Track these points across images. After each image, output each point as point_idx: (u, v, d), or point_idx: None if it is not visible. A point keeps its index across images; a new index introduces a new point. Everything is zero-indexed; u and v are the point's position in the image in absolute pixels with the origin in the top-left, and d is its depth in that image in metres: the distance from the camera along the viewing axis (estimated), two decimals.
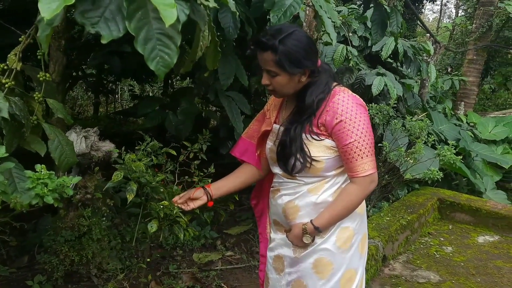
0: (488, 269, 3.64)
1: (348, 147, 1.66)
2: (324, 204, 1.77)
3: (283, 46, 1.60)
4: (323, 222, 1.74)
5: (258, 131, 1.99)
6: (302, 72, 1.67)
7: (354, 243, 1.84)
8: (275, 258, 1.95)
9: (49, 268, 2.85)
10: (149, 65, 1.08)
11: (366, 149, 1.67)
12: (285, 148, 1.76)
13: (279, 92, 1.75)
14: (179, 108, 3.80)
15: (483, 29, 8.47)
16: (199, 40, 1.35)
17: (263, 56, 1.65)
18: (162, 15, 0.98)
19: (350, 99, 1.69)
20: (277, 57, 1.60)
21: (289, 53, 1.60)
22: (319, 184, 1.78)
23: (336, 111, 1.66)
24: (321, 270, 1.81)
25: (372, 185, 1.74)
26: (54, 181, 1.38)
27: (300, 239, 1.78)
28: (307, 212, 1.79)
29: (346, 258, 1.83)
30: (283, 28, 1.65)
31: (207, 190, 1.97)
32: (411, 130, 4.15)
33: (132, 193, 1.98)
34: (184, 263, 3.49)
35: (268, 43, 1.61)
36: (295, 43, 1.61)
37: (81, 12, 1.05)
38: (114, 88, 8.78)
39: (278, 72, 1.65)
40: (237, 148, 2.07)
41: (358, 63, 4.85)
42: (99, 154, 2.96)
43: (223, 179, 2.05)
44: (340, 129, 1.66)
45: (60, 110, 1.78)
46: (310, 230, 1.75)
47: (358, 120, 1.66)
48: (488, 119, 7.51)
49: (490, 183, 5.69)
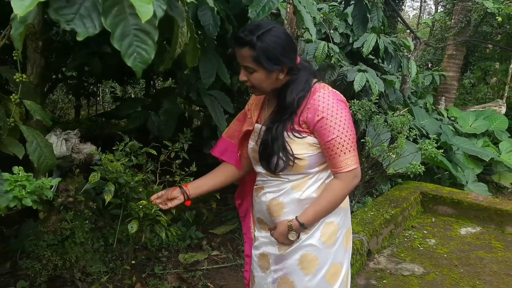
0: (470, 260, 3.70)
1: (330, 143, 1.67)
2: (308, 200, 1.77)
3: (261, 42, 1.58)
4: (308, 218, 1.74)
5: (239, 130, 1.98)
6: (279, 69, 1.66)
7: (338, 238, 1.85)
8: (260, 256, 1.94)
9: (32, 274, 2.81)
10: (126, 61, 1.07)
11: (349, 144, 1.68)
12: (267, 147, 1.76)
13: (258, 88, 1.73)
14: (162, 109, 3.77)
15: (462, 25, 8.58)
16: (178, 37, 1.34)
17: (241, 52, 1.64)
18: (138, 11, 0.97)
19: (330, 96, 1.69)
20: (255, 53, 1.59)
21: (267, 49, 1.59)
22: (302, 181, 1.78)
23: (317, 108, 1.66)
24: (306, 266, 1.81)
25: (355, 180, 1.74)
26: (32, 183, 1.36)
27: (285, 236, 1.78)
28: (291, 209, 1.79)
29: (331, 253, 1.83)
30: (262, 24, 1.64)
31: (183, 189, 1.96)
32: (393, 125, 4.19)
33: (110, 194, 1.96)
34: (169, 264, 3.47)
35: (245, 39, 1.60)
36: (273, 40, 1.60)
37: (55, 9, 1.03)
38: (96, 90, 8.67)
39: (255, 68, 1.64)
40: (217, 147, 2.05)
41: (340, 60, 4.87)
42: (80, 157, 2.92)
43: (201, 178, 2.04)
44: (322, 125, 1.66)
45: (38, 112, 1.75)
46: (296, 226, 1.75)
47: (339, 116, 1.66)
48: (469, 113, 7.62)
49: (471, 176, 5.78)
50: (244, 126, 1.93)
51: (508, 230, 4.30)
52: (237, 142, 1.98)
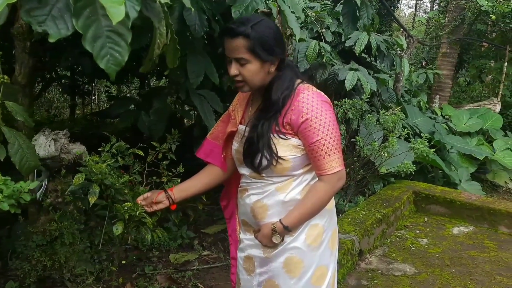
0: (462, 259, 3.69)
1: (315, 145, 1.65)
2: (292, 202, 1.75)
3: (255, 32, 1.58)
4: (293, 220, 1.72)
5: (223, 132, 1.96)
6: (273, 60, 1.66)
7: (324, 240, 1.84)
8: (245, 259, 1.92)
9: (21, 274, 2.80)
10: (99, 64, 1.06)
11: (333, 146, 1.66)
12: (252, 145, 1.74)
13: (248, 82, 1.69)
14: (152, 108, 3.76)
15: (456, 23, 8.58)
16: (156, 37, 1.33)
17: (234, 43, 1.61)
18: (108, 12, 0.95)
19: (314, 97, 1.67)
20: (250, 42, 1.58)
21: (262, 38, 1.59)
22: (287, 183, 1.76)
23: (302, 110, 1.65)
24: (292, 269, 1.79)
25: (340, 182, 1.73)
26: (10, 187, 1.34)
27: (269, 239, 1.76)
28: (276, 211, 1.77)
29: (317, 256, 1.82)
30: (251, 17, 1.66)
31: (168, 193, 1.94)
32: (384, 124, 4.18)
33: (94, 196, 1.94)
34: (160, 264, 3.46)
35: (239, 29, 1.59)
36: (267, 30, 1.61)
37: (26, 10, 1.02)
38: (90, 89, 8.64)
39: (249, 59, 1.62)
40: (202, 149, 2.03)
41: (331, 58, 4.86)
42: (69, 157, 2.91)
43: (186, 181, 2.02)
44: (306, 127, 1.64)
45: (20, 113, 1.73)
46: (280, 229, 1.73)
47: (324, 118, 1.65)
48: (463, 111, 7.62)
49: (465, 175, 5.78)
50: (228, 127, 1.91)
51: (501, 229, 4.30)
52: (222, 143, 1.96)
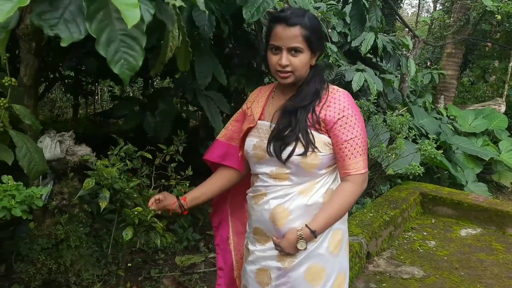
0: (471, 262, 3.66)
1: (348, 143, 1.64)
2: (315, 206, 1.70)
3: (310, 22, 1.63)
4: (320, 225, 1.65)
5: (238, 131, 1.90)
6: (320, 51, 1.71)
7: (343, 246, 1.81)
8: (259, 271, 1.81)
9: (26, 278, 2.77)
10: (113, 68, 1.02)
11: (362, 147, 1.67)
12: (286, 129, 1.67)
13: (297, 72, 1.66)
14: (157, 109, 3.72)
15: (461, 23, 8.53)
16: (169, 40, 1.30)
17: (291, 31, 1.61)
18: (124, 15, 0.92)
19: (347, 97, 1.70)
20: (307, 31, 1.61)
21: (316, 29, 1.66)
22: (310, 185, 1.71)
23: (339, 107, 1.65)
24: (314, 277, 1.73)
25: (365, 184, 1.72)
26: (22, 192, 1.31)
27: (293, 245, 1.66)
28: (297, 216, 1.70)
29: (337, 262, 1.78)
30: (298, 9, 1.76)
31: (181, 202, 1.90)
32: (392, 125, 4.14)
33: (105, 201, 1.91)
34: (166, 267, 3.43)
35: (297, 19, 1.62)
36: (317, 22, 1.68)
37: (38, 14, 0.99)
38: (94, 89, 8.61)
39: (303, 48, 1.64)
40: (215, 152, 1.95)
41: (338, 59, 4.82)
42: (75, 159, 2.87)
43: (199, 188, 1.96)
44: (342, 124, 1.64)
45: (28, 116, 1.70)
46: (307, 235, 1.64)
47: (357, 118, 1.67)
48: (468, 112, 7.58)
49: (471, 176, 5.74)
50: (244, 125, 1.85)
51: (508, 231, 4.27)
52: (237, 143, 1.90)
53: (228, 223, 2.01)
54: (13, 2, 0.90)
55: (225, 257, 2.00)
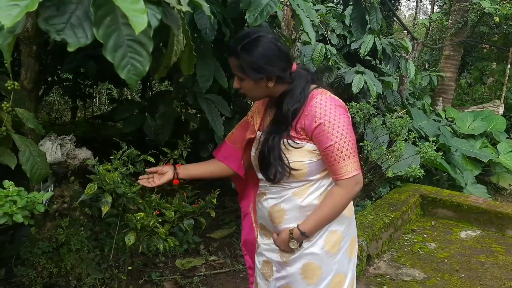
0: (471, 264, 3.66)
1: (329, 149, 1.64)
2: (310, 207, 1.74)
3: (245, 52, 1.58)
4: (310, 227, 1.72)
5: (241, 137, 1.98)
6: (265, 78, 1.64)
7: (342, 247, 1.82)
8: (264, 263, 1.92)
9: (27, 281, 2.76)
10: (120, 74, 1.02)
11: (348, 150, 1.65)
12: (264, 158, 1.75)
13: (250, 96, 1.76)
14: (158, 112, 3.72)
15: (459, 25, 8.56)
16: (173, 44, 1.30)
17: (230, 61, 1.66)
18: (131, 21, 0.92)
19: (328, 101, 1.66)
20: (239, 62, 1.60)
21: (250, 60, 1.59)
22: (304, 188, 1.75)
23: (314, 115, 1.64)
24: (310, 275, 1.78)
25: (357, 186, 1.71)
26: (23, 198, 1.31)
27: (287, 244, 1.76)
28: (293, 216, 1.77)
29: (335, 262, 1.80)
30: (250, 32, 1.63)
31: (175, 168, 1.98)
32: (391, 127, 4.15)
33: (107, 205, 1.91)
34: (167, 270, 3.43)
35: (231, 49, 1.61)
36: (258, 50, 1.59)
37: (45, 18, 0.99)
38: (92, 92, 8.61)
39: (242, 77, 1.65)
40: (221, 152, 2.04)
41: (337, 61, 4.84)
42: (76, 162, 2.87)
43: (193, 164, 2.07)
44: (320, 132, 1.63)
45: (31, 120, 1.70)
46: (297, 235, 1.73)
47: (337, 122, 1.63)
48: (466, 113, 7.60)
49: (470, 178, 5.75)
50: (247, 134, 1.92)
51: (508, 233, 4.28)
52: (239, 147, 1.98)
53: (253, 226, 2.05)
54: (20, 7, 0.90)
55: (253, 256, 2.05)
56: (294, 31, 4.04)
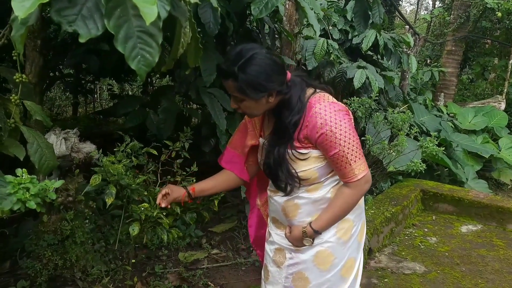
0: (472, 258, 3.69)
1: (334, 156, 1.65)
2: (323, 200, 1.77)
3: (243, 73, 1.55)
4: (322, 224, 1.76)
5: (241, 141, 1.98)
6: (266, 95, 1.63)
7: (354, 233, 1.87)
8: (276, 251, 1.94)
9: (32, 273, 2.79)
10: (130, 64, 1.04)
11: (354, 154, 1.66)
12: (270, 170, 1.78)
13: (249, 114, 1.75)
14: (160, 107, 3.74)
15: (461, 20, 8.55)
16: (180, 37, 1.32)
17: (226, 83, 1.62)
18: (142, 12, 0.94)
19: (327, 109, 1.64)
20: (238, 84, 1.57)
21: (250, 79, 1.56)
22: (317, 185, 1.78)
23: (315, 125, 1.63)
24: (322, 262, 1.82)
25: (367, 185, 1.73)
26: (36, 185, 1.33)
27: (300, 241, 1.80)
28: (307, 209, 1.80)
29: (347, 248, 1.85)
30: (242, 51, 1.57)
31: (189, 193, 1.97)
32: (393, 122, 4.17)
33: (111, 197, 1.93)
34: (170, 263, 3.46)
35: (228, 71, 1.57)
36: (255, 69, 1.55)
37: (57, 10, 1.01)
38: (93, 87, 8.62)
39: (242, 97, 1.62)
40: (224, 157, 2.05)
41: (339, 56, 4.85)
42: (80, 156, 2.90)
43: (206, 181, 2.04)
44: (323, 141, 1.64)
45: (39, 112, 1.72)
46: (310, 233, 1.77)
47: (339, 129, 1.62)
48: (468, 109, 7.60)
49: (471, 173, 5.77)
50: (248, 140, 1.92)
51: (509, 228, 4.30)
52: (241, 152, 1.98)
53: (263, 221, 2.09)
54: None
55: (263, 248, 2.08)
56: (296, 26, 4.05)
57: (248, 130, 1.93)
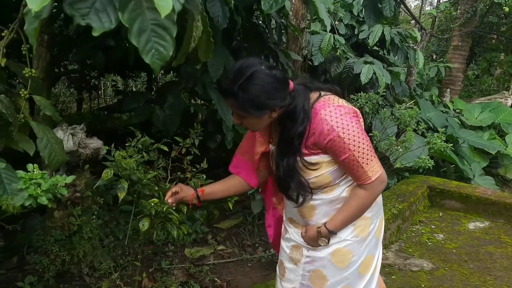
0: (480, 255, 3.66)
1: (345, 161, 1.62)
2: (339, 200, 1.75)
3: (244, 92, 1.51)
4: (337, 224, 1.74)
5: (249, 147, 1.95)
6: (269, 111, 1.59)
7: (372, 230, 1.84)
8: (293, 248, 1.92)
9: (40, 269, 2.79)
10: (144, 58, 1.03)
11: (366, 156, 1.62)
12: (281, 182, 1.77)
13: (253, 130, 1.76)
14: (166, 103, 3.73)
15: (468, 15, 8.48)
16: (192, 30, 1.30)
17: (227, 102, 1.62)
18: (157, 5, 0.93)
19: (333, 114, 1.60)
20: (239, 103, 1.54)
21: (251, 99, 1.52)
22: (332, 186, 1.75)
23: (322, 131, 1.59)
24: (340, 259, 1.80)
25: (382, 184, 1.70)
26: (47, 181, 1.32)
27: (315, 241, 1.79)
28: (323, 210, 1.78)
29: (365, 246, 1.82)
30: (242, 69, 1.52)
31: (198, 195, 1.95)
32: (401, 118, 4.14)
33: (123, 191, 1.92)
34: (176, 259, 3.45)
35: (228, 91, 1.54)
36: (256, 88, 1.51)
37: (70, 3, 0.99)
38: (97, 84, 8.62)
39: (245, 115, 1.61)
40: (232, 163, 2.03)
41: (345, 51, 4.82)
42: (87, 152, 2.89)
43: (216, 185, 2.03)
44: (332, 146, 1.61)
45: (48, 107, 1.71)
46: (325, 233, 1.75)
47: (348, 133, 1.58)
48: (474, 105, 7.56)
49: (478, 169, 5.73)
50: (257, 146, 1.90)
51: None
52: (248, 158, 1.96)
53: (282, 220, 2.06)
54: None
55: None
56: (302, 21, 4.03)
57: (256, 137, 1.90)
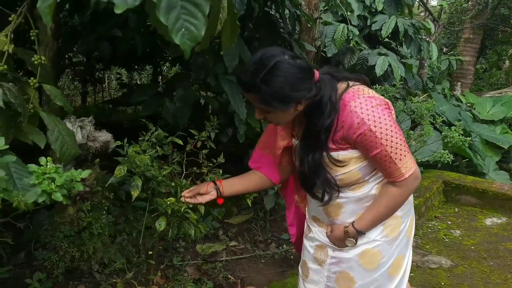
0: (499, 252, 3.56)
1: (377, 156, 1.51)
2: (368, 198, 1.64)
3: (266, 85, 1.40)
4: (366, 224, 1.64)
5: (269, 142, 1.84)
6: (295, 103, 1.48)
7: (402, 230, 1.73)
8: (317, 248, 1.81)
9: (49, 265, 2.70)
10: (173, 39, 0.92)
11: (398, 152, 1.50)
12: (305, 179, 1.66)
13: (277, 124, 1.64)
14: (176, 95, 3.61)
15: (479, 7, 8.32)
16: (219, 11, 1.18)
17: (249, 96, 1.49)
18: None
19: (363, 105, 1.48)
20: (262, 97, 1.43)
21: (275, 92, 1.41)
22: (361, 183, 1.64)
23: (352, 124, 1.48)
24: (369, 261, 1.69)
25: (416, 181, 1.59)
26: (62, 175, 1.21)
27: (342, 241, 1.68)
28: (350, 208, 1.67)
29: (395, 246, 1.72)
30: (263, 60, 1.41)
31: (217, 185, 1.85)
32: (416, 111, 4.01)
33: (137, 189, 1.80)
34: (188, 255, 3.36)
35: (249, 84, 1.43)
36: (280, 80, 1.39)
37: None
38: (102, 76, 8.51)
39: (268, 109, 1.49)
40: (252, 158, 1.93)
41: (359, 43, 4.70)
42: (96, 145, 2.78)
43: (236, 178, 1.93)
44: (363, 141, 1.49)
45: (59, 97, 1.60)
46: (352, 233, 1.65)
47: (379, 127, 1.47)
48: (486, 99, 7.43)
49: (492, 164, 5.61)
50: (279, 140, 1.79)
51: None
52: (269, 153, 1.85)
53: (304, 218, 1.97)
54: None
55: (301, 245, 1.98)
56: (315, 10, 3.91)
57: (277, 130, 1.79)
